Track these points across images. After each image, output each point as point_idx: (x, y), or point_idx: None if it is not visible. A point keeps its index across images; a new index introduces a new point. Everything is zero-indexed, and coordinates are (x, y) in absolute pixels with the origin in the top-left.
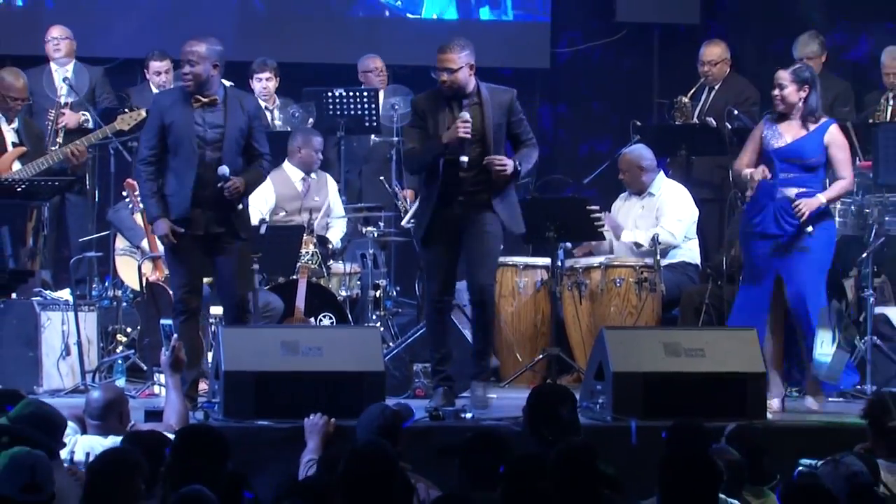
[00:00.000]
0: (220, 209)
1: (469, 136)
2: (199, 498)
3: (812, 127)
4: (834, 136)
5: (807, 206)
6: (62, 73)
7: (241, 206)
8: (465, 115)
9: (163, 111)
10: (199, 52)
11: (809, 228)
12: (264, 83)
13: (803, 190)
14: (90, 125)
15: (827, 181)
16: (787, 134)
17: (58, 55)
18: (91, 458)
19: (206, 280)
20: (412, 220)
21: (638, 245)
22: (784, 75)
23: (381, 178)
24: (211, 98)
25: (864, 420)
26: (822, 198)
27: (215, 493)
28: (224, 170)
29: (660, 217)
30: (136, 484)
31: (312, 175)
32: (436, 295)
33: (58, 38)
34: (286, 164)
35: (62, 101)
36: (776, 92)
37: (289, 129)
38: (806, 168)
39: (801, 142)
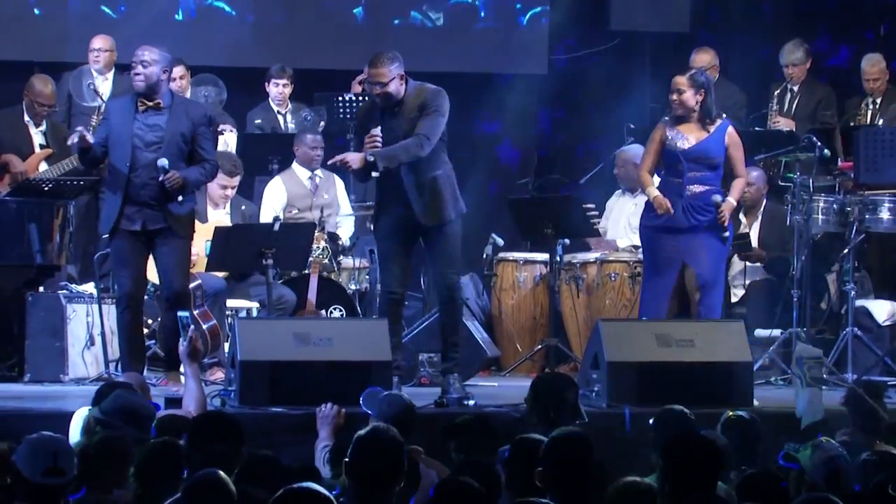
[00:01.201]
0: (158, 207)
1: (377, 146)
2: (214, 481)
3: (711, 128)
4: (733, 137)
5: (728, 209)
6: (101, 80)
7: (182, 203)
8: (375, 131)
9: (109, 115)
10: (151, 56)
11: (726, 234)
12: (280, 88)
13: (708, 187)
14: None
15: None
16: (691, 135)
17: (97, 66)
18: None
19: (221, 274)
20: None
21: (637, 247)
22: (682, 80)
23: None
24: (156, 102)
25: (845, 407)
26: (733, 201)
27: (231, 477)
28: (163, 162)
29: None
30: (125, 468)
31: (319, 174)
32: (388, 286)
33: (98, 50)
34: (294, 165)
35: (101, 106)
36: (675, 97)
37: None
38: (711, 167)
39: (706, 143)
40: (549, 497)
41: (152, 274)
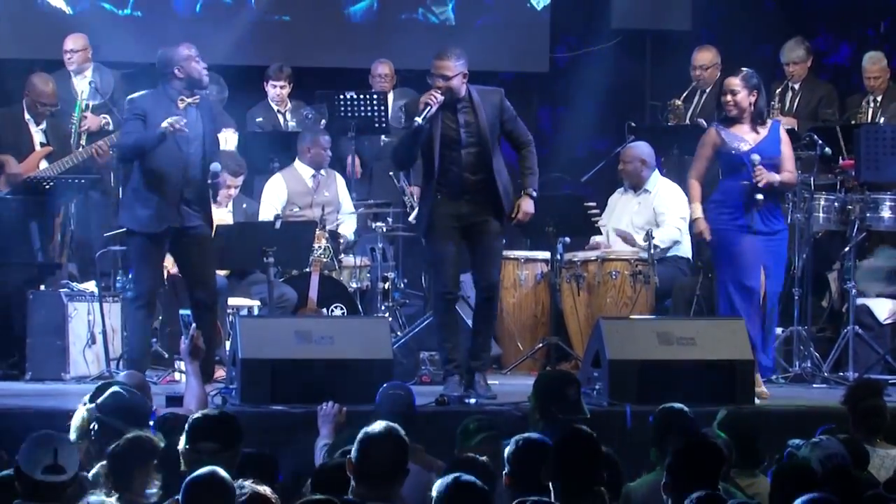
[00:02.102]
0: (199, 206)
1: (433, 102)
2: (212, 478)
3: (764, 129)
4: (784, 135)
5: (766, 175)
6: (80, 78)
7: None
8: (434, 93)
9: (146, 112)
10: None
11: (760, 196)
12: (278, 90)
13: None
14: (110, 127)
15: None
16: (748, 137)
17: (71, 67)
18: None
19: (222, 272)
20: (417, 218)
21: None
22: (735, 81)
23: (391, 173)
24: (195, 98)
25: (844, 405)
26: (777, 177)
27: (231, 475)
28: (216, 167)
29: (660, 215)
30: (151, 467)
31: (322, 172)
32: (444, 287)
33: (71, 52)
34: (297, 163)
35: (84, 103)
36: (728, 98)
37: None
38: (773, 167)
39: (765, 142)
40: (555, 494)
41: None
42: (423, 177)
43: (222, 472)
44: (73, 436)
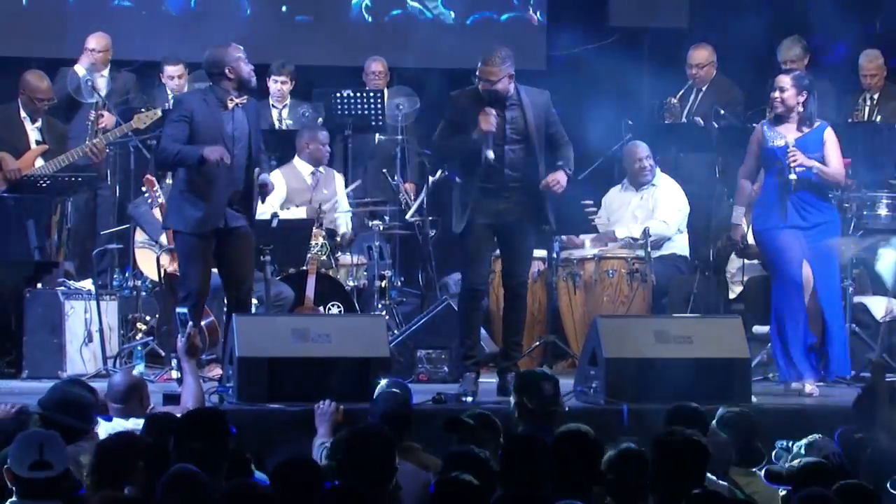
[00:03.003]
0: (243, 206)
1: (493, 129)
2: (189, 476)
3: (809, 129)
4: (830, 136)
5: (799, 156)
6: (98, 77)
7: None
8: (489, 109)
9: (192, 112)
10: None
11: (793, 177)
12: (280, 86)
13: (814, 185)
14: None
15: None
16: (789, 134)
17: (84, 64)
18: None
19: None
20: (415, 215)
21: (635, 239)
22: (785, 79)
23: (384, 170)
24: (243, 98)
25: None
26: (812, 162)
27: (218, 474)
28: (265, 177)
29: (655, 209)
30: (137, 464)
31: (321, 169)
32: (473, 283)
33: (93, 51)
34: (296, 160)
35: (100, 101)
36: (776, 94)
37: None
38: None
39: (803, 139)
40: (554, 491)
41: (149, 269)
42: (461, 170)
43: (195, 470)
44: None
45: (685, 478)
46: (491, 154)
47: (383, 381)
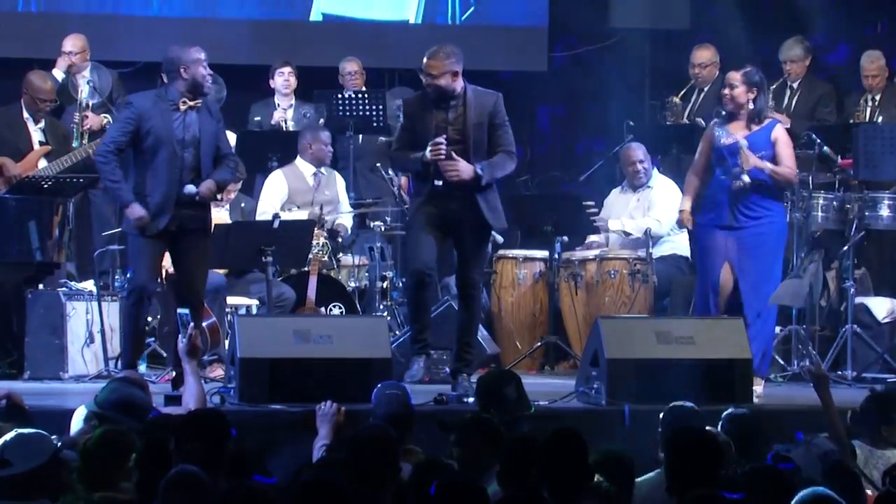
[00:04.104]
0: (193, 207)
1: (442, 157)
2: (191, 477)
3: (759, 126)
4: (780, 133)
5: (751, 158)
6: (79, 78)
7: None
8: (439, 139)
9: (142, 112)
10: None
11: (746, 179)
12: (286, 77)
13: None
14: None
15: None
16: (737, 132)
17: (65, 67)
18: None
19: (221, 271)
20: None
21: (626, 233)
22: (736, 76)
23: (378, 164)
24: (197, 102)
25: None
26: (761, 162)
27: (217, 475)
28: (190, 189)
29: (650, 209)
30: (126, 463)
31: (323, 170)
32: (413, 266)
33: (69, 53)
34: (298, 161)
35: (83, 103)
36: (727, 91)
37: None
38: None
39: (752, 137)
40: (546, 492)
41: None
42: (414, 173)
43: (197, 471)
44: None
45: (698, 477)
46: (439, 182)
47: (380, 384)
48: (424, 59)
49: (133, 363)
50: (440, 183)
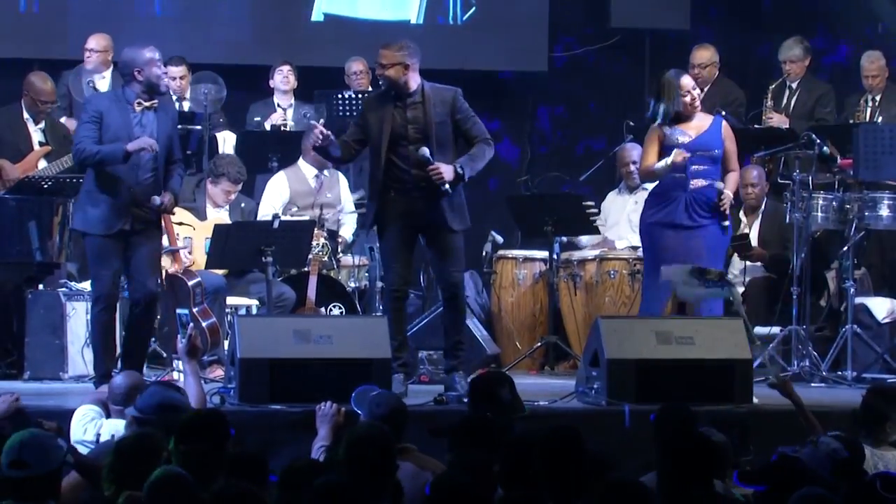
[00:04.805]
0: (146, 206)
1: (319, 140)
2: (176, 478)
3: (707, 123)
4: (728, 131)
5: (728, 200)
6: (100, 79)
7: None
8: (317, 125)
9: (102, 112)
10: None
11: (727, 223)
12: (285, 74)
13: (710, 181)
14: None
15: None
16: (690, 130)
17: (89, 66)
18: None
19: (221, 271)
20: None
21: (634, 248)
22: (690, 80)
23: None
24: (153, 102)
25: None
26: (730, 193)
27: (217, 475)
28: (156, 201)
29: None
30: (156, 463)
31: (325, 172)
32: (393, 284)
33: (91, 51)
34: (301, 162)
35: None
36: (695, 94)
37: (302, 130)
38: (712, 159)
39: (706, 136)
40: (543, 491)
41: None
42: (370, 173)
43: (182, 472)
44: (76, 436)
45: (693, 479)
46: (426, 150)
47: (362, 388)
48: (380, 49)
49: (108, 372)
50: (426, 151)
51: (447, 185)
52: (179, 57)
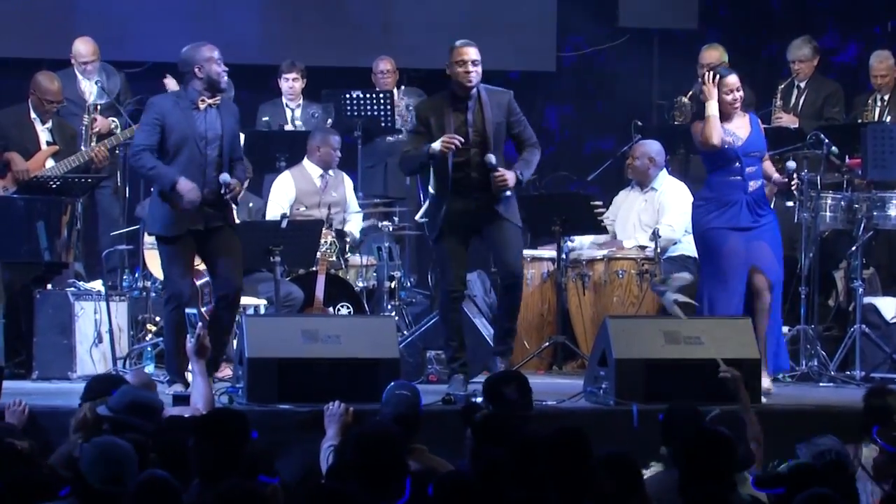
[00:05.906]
0: (218, 206)
1: (451, 150)
2: (160, 482)
3: (747, 121)
4: (761, 125)
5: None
6: (87, 79)
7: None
8: (455, 136)
9: (164, 114)
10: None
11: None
12: (291, 83)
13: (762, 181)
14: (118, 130)
15: None
16: (739, 131)
17: (79, 70)
18: None
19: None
20: (424, 217)
21: (642, 247)
22: (736, 79)
23: None
24: (216, 99)
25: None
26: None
27: (231, 475)
28: (225, 177)
29: (661, 212)
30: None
31: (330, 172)
32: (451, 285)
33: (83, 56)
34: (306, 162)
35: (92, 105)
36: (738, 94)
37: (309, 130)
38: (761, 159)
39: (753, 137)
40: (550, 492)
41: (159, 270)
42: (434, 176)
43: (166, 475)
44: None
45: (711, 478)
46: (435, 148)
47: (392, 384)
48: (459, 49)
49: (181, 370)
50: (492, 157)
51: (508, 192)
52: None
